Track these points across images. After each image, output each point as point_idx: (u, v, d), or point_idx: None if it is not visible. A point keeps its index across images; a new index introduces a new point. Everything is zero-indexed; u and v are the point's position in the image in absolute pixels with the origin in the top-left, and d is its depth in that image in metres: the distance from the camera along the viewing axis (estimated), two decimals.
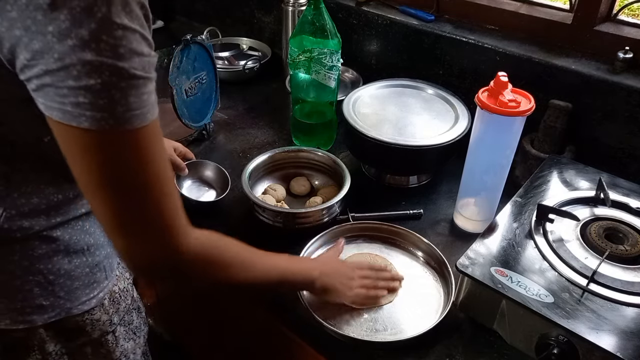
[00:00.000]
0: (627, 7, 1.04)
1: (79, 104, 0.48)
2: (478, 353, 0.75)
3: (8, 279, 0.68)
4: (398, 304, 0.82)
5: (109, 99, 0.48)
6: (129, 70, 0.49)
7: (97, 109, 0.48)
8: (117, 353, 0.83)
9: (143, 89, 0.51)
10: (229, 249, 0.67)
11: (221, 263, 0.65)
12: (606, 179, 0.88)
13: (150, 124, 0.52)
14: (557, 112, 0.99)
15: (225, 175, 1.05)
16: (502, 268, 0.73)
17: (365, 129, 1.00)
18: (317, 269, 0.78)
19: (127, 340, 0.85)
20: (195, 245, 0.60)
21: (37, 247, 0.67)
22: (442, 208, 1.02)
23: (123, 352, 0.85)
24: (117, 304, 0.80)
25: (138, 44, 0.49)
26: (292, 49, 1.05)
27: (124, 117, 0.49)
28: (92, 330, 0.77)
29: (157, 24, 1.78)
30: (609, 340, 0.63)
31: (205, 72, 1.16)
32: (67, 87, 0.47)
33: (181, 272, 0.61)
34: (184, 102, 1.11)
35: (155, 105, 0.54)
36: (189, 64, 1.10)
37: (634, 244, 0.76)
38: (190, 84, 1.12)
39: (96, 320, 0.77)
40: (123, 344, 0.85)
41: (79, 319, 0.75)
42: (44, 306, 0.70)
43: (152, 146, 0.53)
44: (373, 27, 1.29)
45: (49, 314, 0.71)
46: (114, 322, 0.81)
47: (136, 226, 0.55)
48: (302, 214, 0.93)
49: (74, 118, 0.49)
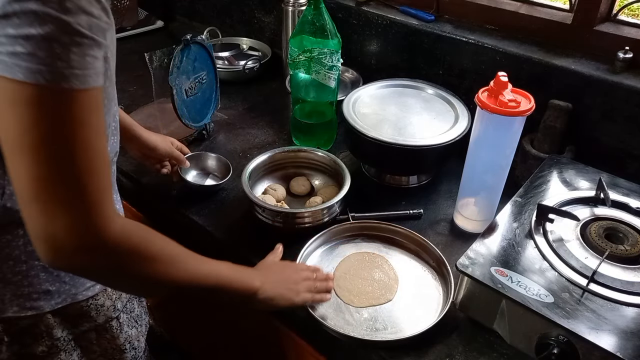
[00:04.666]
0: (627, 7, 1.04)
1: (16, 54, 0.46)
2: (478, 353, 0.75)
3: (14, 264, 0.68)
4: (398, 303, 0.82)
5: (49, 51, 0.46)
6: (74, 25, 0.47)
7: (35, 61, 0.46)
8: (121, 339, 0.85)
9: (88, 50, 0.49)
10: (156, 242, 0.62)
11: (147, 255, 0.59)
12: (606, 179, 0.88)
13: (91, 90, 0.50)
14: (557, 112, 0.99)
15: (227, 164, 1.08)
16: (502, 268, 0.73)
17: (365, 129, 1.00)
18: (259, 278, 0.74)
19: (131, 327, 0.87)
20: (121, 231, 0.55)
21: None
22: (442, 208, 1.02)
23: (127, 339, 0.86)
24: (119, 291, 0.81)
25: (88, 3, 0.48)
26: (292, 49, 1.05)
27: (62, 74, 0.47)
28: (97, 315, 0.78)
29: (157, 24, 1.79)
30: (609, 340, 0.63)
31: (206, 72, 1.16)
32: (5, 35, 0.46)
33: (103, 259, 0.55)
34: (184, 102, 1.11)
35: (101, 75, 0.51)
36: (189, 64, 1.10)
37: (634, 244, 0.76)
38: (190, 84, 1.12)
39: (100, 305, 0.78)
40: (127, 330, 0.86)
41: (84, 304, 0.75)
42: (50, 292, 0.71)
43: (87, 115, 0.50)
44: (373, 27, 1.29)
45: (55, 299, 0.72)
46: (117, 307, 0.81)
47: (57, 197, 0.50)
48: (302, 214, 0.93)
49: (7, 68, 0.46)
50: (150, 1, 1.86)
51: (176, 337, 1.64)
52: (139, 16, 1.80)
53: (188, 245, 1.12)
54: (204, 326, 1.40)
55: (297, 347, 0.96)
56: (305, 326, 0.86)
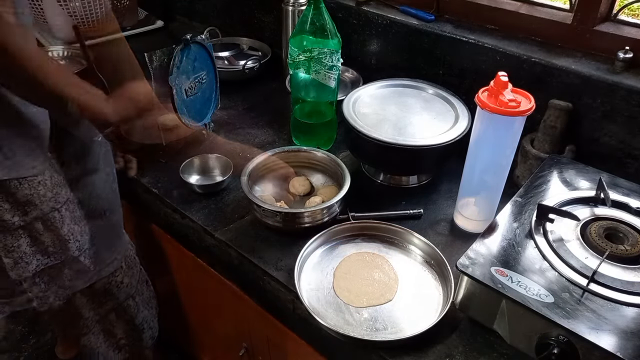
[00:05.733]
0: (627, 7, 1.04)
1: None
2: (478, 353, 0.75)
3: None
4: (398, 303, 0.82)
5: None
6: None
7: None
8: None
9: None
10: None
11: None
12: (606, 179, 0.88)
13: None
14: (557, 112, 0.99)
15: (228, 163, 1.08)
16: (502, 268, 0.73)
17: (365, 129, 1.00)
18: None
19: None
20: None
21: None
22: (442, 208, 1.02)
23: (70, 231, 1.00)
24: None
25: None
26: (292, 48, 1.05)
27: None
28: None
29: (157, 24, 1.79)
30: (609, 340, 0.63)
31: (205, 71, 1.16)
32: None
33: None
34: (184, 102, 1.11)
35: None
36: (189, 64, 1.10)
37: (634, 244, 0.76)
38: (190, 83, 1.12)
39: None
40: (69, 224, 0.99)
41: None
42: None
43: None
44: (373, 27, 1.29)
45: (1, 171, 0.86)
46: (59, 201, 0.96)
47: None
48: (302, 213, 0.93)
49: None
50: (150, 1, 1.86)
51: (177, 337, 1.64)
52: (139, 16, 1.80)
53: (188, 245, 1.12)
54: (203, 326, 1.40)
55: (297, 347, 0.96)
56: (306, 326, 0.86)
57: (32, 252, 1.03)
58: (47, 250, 1.05)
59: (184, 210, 1.01)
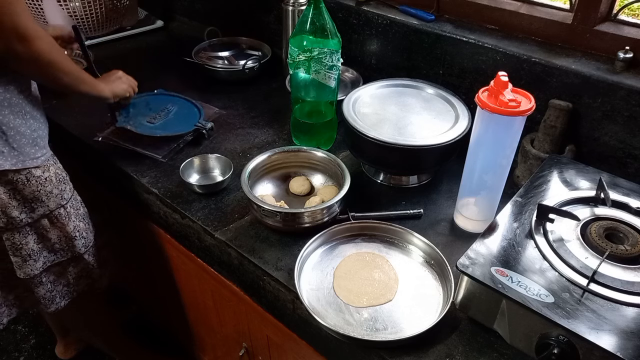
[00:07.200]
0: (627, 7, 1.04)
1: None
2: (478, 353, 0.75)
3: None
4: (398, 303, 0.82)
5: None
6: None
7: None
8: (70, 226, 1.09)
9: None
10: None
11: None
12: (606, 179, 0.88)
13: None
14: (557, 112, 0.99)
15: (229, 162, 1.09)
16: (502, 268, 0.73)
17: (365, 128, 1.00)
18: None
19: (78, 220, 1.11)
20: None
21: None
22: (442, 208, 1.02)
23: (76, 228, 1.11)
24: (62, 184, 1.05)
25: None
26: (292, 48, 1.05)
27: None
28: (48, 200, 1.02)
29: (157, 24, 1.79)
30: (609, 340, 0.63)
31: (170, 104, 1.26)
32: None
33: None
34: (153, 127, 1.18)
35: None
36: (138, 113, 1.20)
37: (634, 244, 0.76)
38: (151, 117, 1.20)
39: (49, 192, 1.02)
40: (74, 220, 1.10)
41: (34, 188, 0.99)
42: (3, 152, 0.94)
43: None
44: (373, 26, 1.29)
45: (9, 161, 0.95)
46: (64, 197, 1.07)
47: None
48: (302, 213, 0.93)
49: None
50: (150, 1, 1.86)
51: (177, 337, 1.64)
52: (139, 16, 1.80)
53: (188, 245, 1.12)
54: (203, 326, 1.40)
55: (297, 347, 0.96)
56: (306, 326, 0.86)
57: (39, 250, 1.08)
58: (53, 247, 1.10)
59: (184, 210, 1.01)
